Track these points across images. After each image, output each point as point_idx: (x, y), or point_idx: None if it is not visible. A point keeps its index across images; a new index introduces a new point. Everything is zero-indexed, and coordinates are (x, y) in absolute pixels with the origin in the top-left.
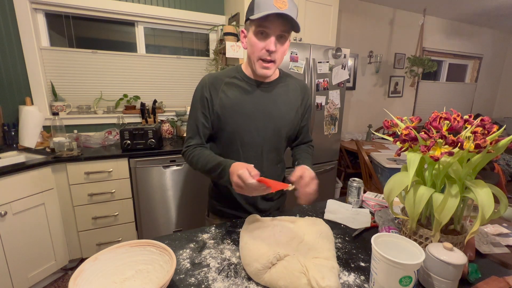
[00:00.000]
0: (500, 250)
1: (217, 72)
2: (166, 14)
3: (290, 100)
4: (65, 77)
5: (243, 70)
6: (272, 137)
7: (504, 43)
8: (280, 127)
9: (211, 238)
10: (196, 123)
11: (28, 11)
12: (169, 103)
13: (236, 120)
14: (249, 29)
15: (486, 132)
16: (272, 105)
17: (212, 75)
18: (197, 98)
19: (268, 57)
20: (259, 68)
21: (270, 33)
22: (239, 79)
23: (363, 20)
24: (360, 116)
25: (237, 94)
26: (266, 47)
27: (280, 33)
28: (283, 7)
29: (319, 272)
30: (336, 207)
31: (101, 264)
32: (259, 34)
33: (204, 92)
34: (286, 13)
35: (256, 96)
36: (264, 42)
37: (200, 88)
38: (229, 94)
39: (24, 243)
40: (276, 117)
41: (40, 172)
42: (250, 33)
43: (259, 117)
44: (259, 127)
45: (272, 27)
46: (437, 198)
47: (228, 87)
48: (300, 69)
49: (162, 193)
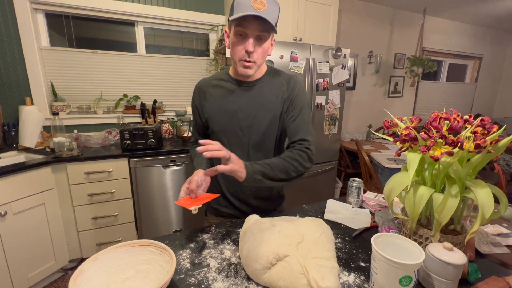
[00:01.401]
0: (500, 250)
1: (209, 76)
2: (166, 14)
3: (272, 97)
4: (65, 77)
5: (229, 71)
6: (257, 136)
7: (504, 43)
8: (263, 126)
9: (211, 238)
10: (194, 127)
11: (28, 11)
12: (169, 103)
13: (221, 120)
14: (231, 29)
15: (486, 132)
16: (253, 104)
17: (203, 80)
18: (192, 103)
19: (248, 58)
20: (240, 68)
21: (248, 34)
22: (225, 81)
23: (363, 20)
24: (360, 116)
25: (221, 95)
26: (245, 47)
27: (258, 33)
28: (261, 7)
29: (319, 272)
30: (336, 207)
31: (101, 264)
32: (238, 35)
33: (195, 99)
34: (261, 15)
35: (238, 96)
36: (243, 42)
37: (193, 94)
38: (215, 95)
39: (24, 243)
40: (258, 116)
41: (40, 172)
42: (231, 34)
43: (242, 117)
44: (243, 127)
45: (250, 28)
46: (437, 198)
47: (214, 89)
48: (300, 69)
49: (162, 193)
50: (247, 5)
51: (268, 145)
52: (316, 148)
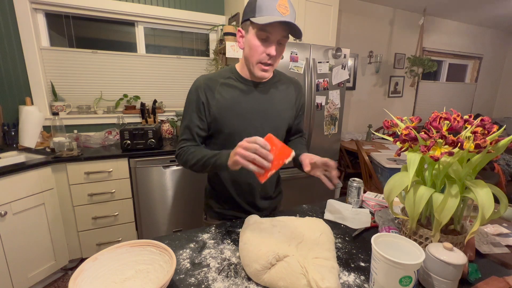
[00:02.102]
0: (500, 250)
1: (210, 74)
2: (166, 14)
3: (286, 98)
4: (65, 77)
5: (238, 71)
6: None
7: (504, 43)
8: (277, 126)
9: (211, 238)
10: (190, 126)
11: (28, 11)
12: (169, 103)
13: (234, 121)
14: (249, 30)
15: (486, 132)
16: (269, 104)
17: (206, 77)
18: (192, 100)
19: (269, 61)
20: (258, 71)
21: (271, 38)
22: (234, 80)
23: (363, 20)
24: (360, 116)
25: (233, 95)
26: (267, 51)
27: (281, 38)
28: (285, 12)
29: (319, 273)
30: (336, 207)
31: (101, 264)
32: (260, 38)
33: (200, 95)
34: (291, 22)
35: (253, 97)
36: (265, 46)
37: (194, 90)
38: (226, 95)
39: (24, 243)
40: (273, 116)
41: (40, 172)
42: (250, 35)
43: (257, 118)
44: (257, 127)
45: (275, 33)
46: (437, 198)
47: (223, 88)
48: (300, 69)
49: (162, 193)
50: (272, 9)
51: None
52: (316, 148)
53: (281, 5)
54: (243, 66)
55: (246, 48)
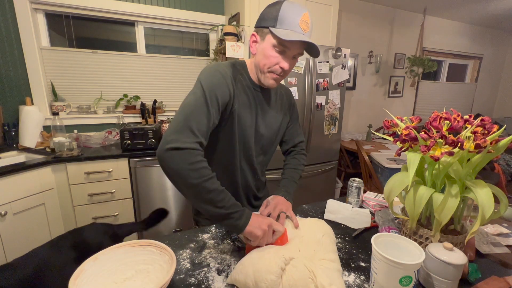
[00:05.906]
0: (500, 250)
1: (223, 64)
2: (166, 14)
3: (281, 104)
4: (65, 77)
5: (248, 72)
6: (268, 142)
7: (504, 43)
8: (275, 131)
9: (211, 238)
10: (208, 119)
11: (28, 11)
12: (169, 103)
13: (243, 124)
14: (266, 38)
15: (486, 132)
16: (270, 110)
17: (228, 65)
18: (215, 86)
19: (281, 73)
20: (267, 79)
21: (288, 53)
22: (246, 81)
23: (363, 20)
24: (360, 116)
25: (247, 97)
26: (280, 64)
27: (297, 54)
28: (306, 29)
29: (327, 277)
30: (336, 207)
31: (101, 264)
32: (276, 49)
33: (229, 86)
34: (313, 43)
35: (259, 101)
36: (279, 57)
37: (221, 77)
38: (242, 95)
39: (24, 243)
40: (271, 123)
41: (40, 172)
42: (267, 44)
43: (259, 123)
44: (259, 133)
45: (293, 49)
46: (437, 198)
47: (239, 86)
48: (300, 69)
49: (162, 193)
50: (294, 24)
51: (273, 149)
52: (316, 148)
53: (303, 21)
54: (251, 69)
55: (259, 55)
